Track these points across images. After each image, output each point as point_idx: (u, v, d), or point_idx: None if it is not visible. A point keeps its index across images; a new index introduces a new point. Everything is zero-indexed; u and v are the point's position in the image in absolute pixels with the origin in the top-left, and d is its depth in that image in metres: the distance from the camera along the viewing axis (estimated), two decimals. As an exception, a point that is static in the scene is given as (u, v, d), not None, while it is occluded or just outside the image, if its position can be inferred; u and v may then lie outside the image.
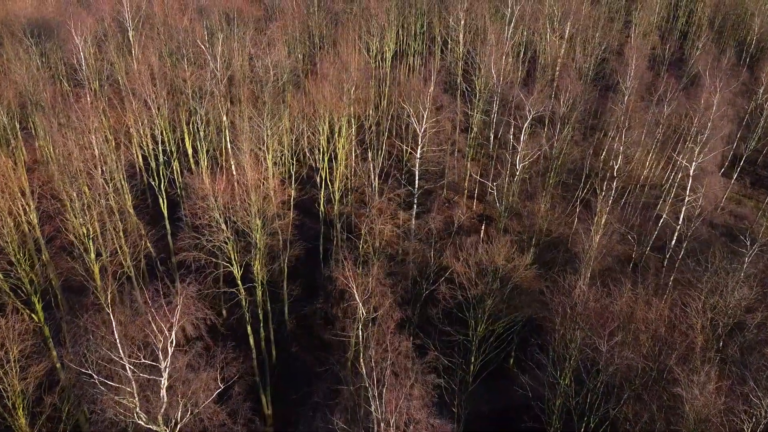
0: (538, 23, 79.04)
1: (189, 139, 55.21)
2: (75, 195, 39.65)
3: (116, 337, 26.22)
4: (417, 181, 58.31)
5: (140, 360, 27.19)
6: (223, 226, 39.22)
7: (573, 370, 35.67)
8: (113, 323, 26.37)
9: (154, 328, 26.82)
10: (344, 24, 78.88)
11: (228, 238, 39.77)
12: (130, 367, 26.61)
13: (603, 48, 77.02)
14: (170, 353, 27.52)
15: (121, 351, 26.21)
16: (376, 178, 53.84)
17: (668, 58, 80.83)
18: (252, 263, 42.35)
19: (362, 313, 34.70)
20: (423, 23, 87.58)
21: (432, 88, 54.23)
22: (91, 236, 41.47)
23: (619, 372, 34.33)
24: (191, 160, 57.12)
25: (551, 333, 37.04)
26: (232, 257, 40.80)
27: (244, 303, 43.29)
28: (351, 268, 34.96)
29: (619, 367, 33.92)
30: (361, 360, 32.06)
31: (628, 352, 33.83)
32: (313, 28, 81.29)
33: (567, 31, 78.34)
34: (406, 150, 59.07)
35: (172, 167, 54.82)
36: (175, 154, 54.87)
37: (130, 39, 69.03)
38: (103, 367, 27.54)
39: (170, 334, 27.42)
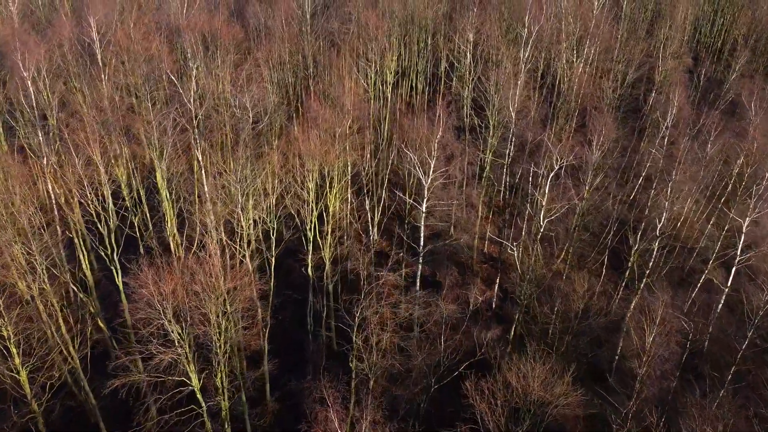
0: (557, 45, 70.09)
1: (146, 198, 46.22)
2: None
3: None
4: (422, 239, 49.43)
5: None
6: (176, 335, 30.31)
7: None
8: None
9: None
10: (340, 46, 70.03)
11: (185, 349, 30.89)
12: None
13: (631, 72, 67.95)
14: None
15: None
16: (373, 245, 44.89)
17: (703, 85, 71.75)
18: (215, 373, 33.45)
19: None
20: (427, 42, 78.63)
21: (440, 134, 45.30)
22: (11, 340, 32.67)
23: None
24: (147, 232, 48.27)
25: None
26: (189, 369, 31.94)
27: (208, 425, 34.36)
28: (337, 413, 26.02)
29: None
30: None
31: None
32: (305, 48, 72.26)
33: (589, 54, 69.35)
34: (409, 203, 50.03)
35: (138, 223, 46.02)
36: (138, 214, 46.01)
37: (98, 65, 60.22)
38: None
39: None
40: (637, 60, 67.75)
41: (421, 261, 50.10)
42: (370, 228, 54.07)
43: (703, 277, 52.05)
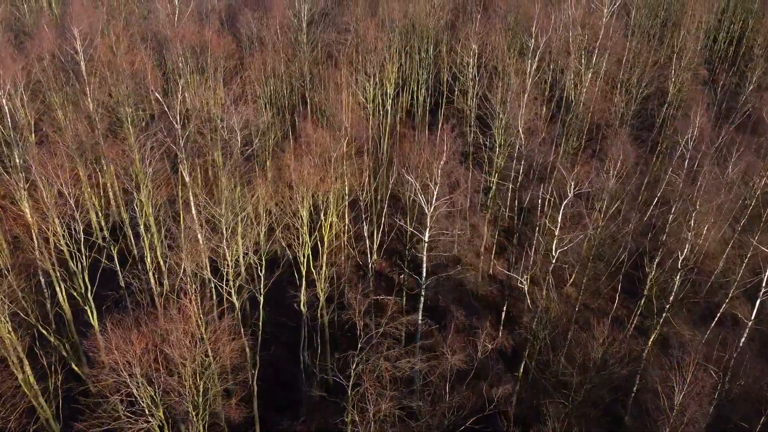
0: (566, 57, 66.40)
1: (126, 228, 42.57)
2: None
3: None
4: (425, 271, 45.88)
5: None
6: (146, 403, 26.73)
7: None
8: None
9: None
10: (338, 58, 66.46)
11: (158, 416, 27.31)
12: None
13: (644, 84, 64.21)
14: None
15: None
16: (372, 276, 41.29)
17: (720, 99, 68.07)
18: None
19: None
20: (429, 52, 74.96)
21: (444, 160, 41.68)
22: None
23: None
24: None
25: None
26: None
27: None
28: None
29: None
30: None
31: None
32: (301, 58, 68.56)
33: (600, 65, 65.71)
34: (409, 230, 46.42)
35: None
36: (116, 246, 42.38)
37: (82, 79, 56.56)
38: None
39: None
40: (650, 73, 64.08)
41: (423, 293, 46.56)
42: (369, 256, 50.48)
43: (721, 309, 48.52)
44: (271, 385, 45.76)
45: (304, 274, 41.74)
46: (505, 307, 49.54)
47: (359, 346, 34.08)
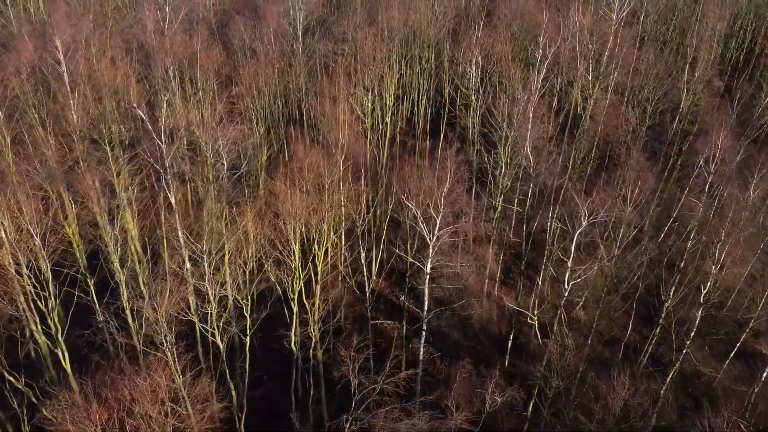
0: (574, 69, 62.97)
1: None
2: None
3: None
4: (426, 305, 42.54)
5: None
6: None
7: None
8: None
9: None
10: (334, 69, 63.11)
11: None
12: None
13: (657, 97, 60.68)
14: None
15: None
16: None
17: (736, 110, 64.43)
18: None
19: None
20: (431, 62, 71.59)
21: (448, 185, 38.30)
22: None
23: None
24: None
25: None
26: None
27: None
28: None
29: None
30: None
31: None
32: (297, 68, 65.12)
33: (611, 78, 62.29)
34: (409, 260, 43.05)
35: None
36: (92, 279, 38.95)
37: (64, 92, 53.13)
38: None
39: None
40: (663, 85, 60.57)
41: (424, 329, 43.21)
42: (366, 283, 47.07)
43: (739, 342, 45.25)
44: (261, 423, 42.51)
45: (295, 311, 38.38)
46: (511, 339, 46.30)
47: (353, 402, 30.71)
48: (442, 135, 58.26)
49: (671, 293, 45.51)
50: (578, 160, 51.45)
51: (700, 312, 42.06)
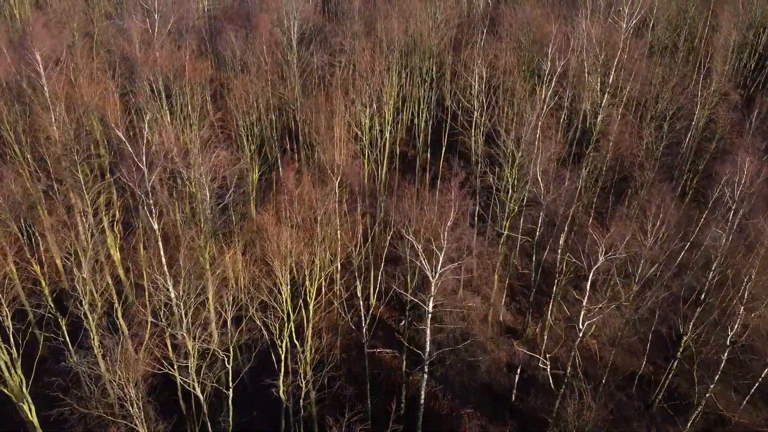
0: (584, 83, 59.42)
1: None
2: None
3: None
4: (428, 346, 39.15)
5: None
6: None
7: None
8: None
9: None
10: (330, 82, 59.73)
11: None
12: None
13: (673, 114, 57.15)
14: None
15: None
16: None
17: (755, 125, 60.86)
18: None
19: None
20: (432, 74, 68.10)
21: (451, 220, 34.87)
22: None
23: None
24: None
25: None
26: None
27: None
28: None
29: None
30: None
31: None
32: (290, 79, 61.59)
33: (623, 93, 58.89)
34: (409, 299, 39.62)
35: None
36: (61, 324, 35.45)
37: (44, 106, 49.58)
38: None
39: None
40: (679, 100, 57.06)
41: (426, 372, 39.82)
42: (362, 319, 43.63)
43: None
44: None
45: (283, 358, 34.93)
46: (519, 377, 42.94)
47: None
48: (443, 155, 54.75)
49: (690, 325, 42.26)
50: (590, 184, 47.96)
51: (725, 355, 38.76)
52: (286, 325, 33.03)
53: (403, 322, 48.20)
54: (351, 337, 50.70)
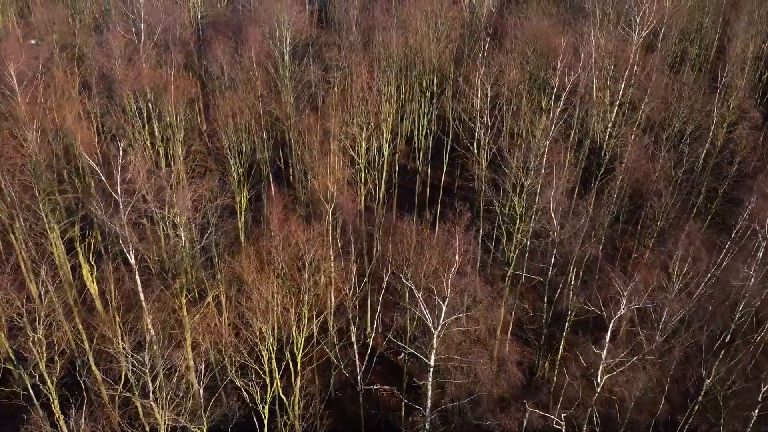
0: (594, 102, 55.52)
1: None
2: None
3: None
4: (429, 402, 35.50)
5: None
6: None
7: None
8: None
9: None
10: (325, 99, 55.93)
11: None
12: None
13: (690, 133, 53.33)
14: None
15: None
16: None
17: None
18: None
19: None
20: (433, 89, 64.22)
21: (456, 267, 31.15)
22: None
23: None
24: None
25: None
26: None
27: None
28: None
29: None
30: None
31: None
32: (283, 94, 57.71)
33: (638, 112, 55.03)
34: (407, 352, 35.92)
35: None
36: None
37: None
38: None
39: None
40: (697, 119, 53.26)
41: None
42: (357, 366, 39.86)
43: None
44: None
45: (266, 424, 31.17)
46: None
47: None
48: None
49: (713, 368, 38.62)
50: (605, 215, 44.20)
51: (755, 411, 35.11)
52: (269, 389, 29.31)
53: (402, 355, 44.68)
54: (346, 376, 47.29)
